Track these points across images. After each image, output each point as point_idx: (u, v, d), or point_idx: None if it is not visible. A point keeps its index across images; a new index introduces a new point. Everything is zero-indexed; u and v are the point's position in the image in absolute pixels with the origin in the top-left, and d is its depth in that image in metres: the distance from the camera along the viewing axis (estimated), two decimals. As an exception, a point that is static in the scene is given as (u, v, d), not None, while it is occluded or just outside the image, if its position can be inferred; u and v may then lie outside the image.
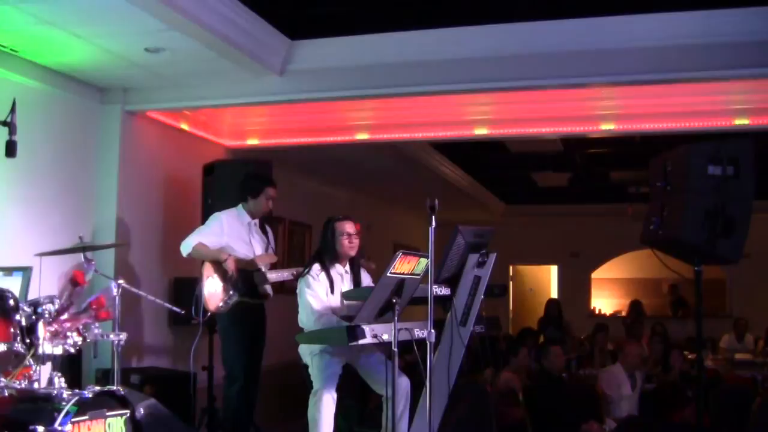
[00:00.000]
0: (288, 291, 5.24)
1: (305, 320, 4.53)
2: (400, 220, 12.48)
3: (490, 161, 9.99)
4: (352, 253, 4.64)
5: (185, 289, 5.87)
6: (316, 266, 4.57)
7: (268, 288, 5.32)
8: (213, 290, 5.13)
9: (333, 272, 4.60)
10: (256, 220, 5.41)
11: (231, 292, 5.11)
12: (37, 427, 3.10)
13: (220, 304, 5.11)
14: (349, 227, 4.62)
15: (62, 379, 3.76)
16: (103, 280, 4.62)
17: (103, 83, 5.87)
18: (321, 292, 4.51)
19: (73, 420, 3.18)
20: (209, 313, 5.18)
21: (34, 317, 3.70)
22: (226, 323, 5.30)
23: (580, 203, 12.90)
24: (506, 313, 14.19)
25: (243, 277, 5.17)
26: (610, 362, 7.64)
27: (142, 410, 3.70)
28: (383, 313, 4.04)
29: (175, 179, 6.57)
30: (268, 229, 5.57)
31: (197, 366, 5.63)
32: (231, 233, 5.25)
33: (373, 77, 5.63)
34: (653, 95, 6.08)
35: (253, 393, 5.38)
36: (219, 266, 5.14)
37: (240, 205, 5.38)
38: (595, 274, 14.67)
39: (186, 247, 5.16)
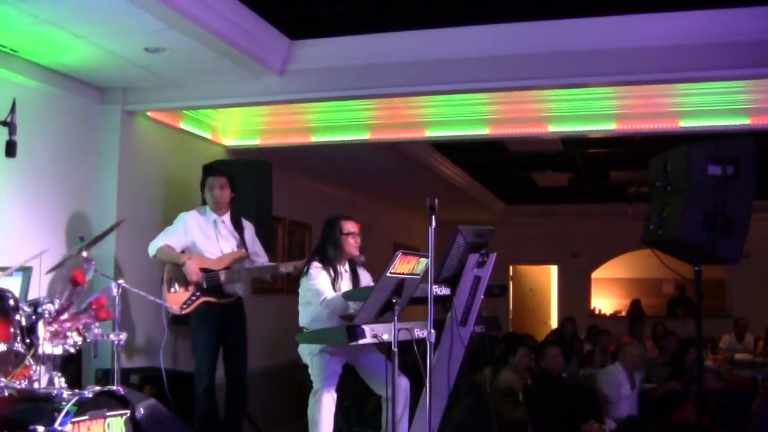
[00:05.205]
0: (288, 291, 5.23)
1: (308, 311, 4.54)
2: (400, 220, 12.48)
3: (490, 161, 9.99)
4: (356, 252, 4.69)
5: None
6: (316, 263, 4.59)
7: (238, 288, 5.34)
8: (175, 291, 5.18)
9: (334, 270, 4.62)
10: (224, 218, 5.44)
11: (193, 293, 5.15)
12: (37, 427, 3.10)
13: (183, 305, 5.13)
14: (352, 227, 4.69)
15: (62, 379, 3.76)
16: (103, 280, 4.61)
17: (103, 83, 5.86)
18: (326, 281, 4.54)
19: (73, 420, 3.19)
20: (170, 315, 5.16)
21: (34, 317, 3.70)
22: (194, 324, 5.33)
23: (580, 203, 12.90)
24: (506, 313, 14.19)
25: (207, 278, 5.21)
26: (610, 362, 7.63)
27: (142, 410, 3.70)
28: (383, 313, 4.04)
29: (175, 179, 6.56)
30: (246, 225, 5.55)
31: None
32: (195, 231, 5.32)
33: (373, 77, 5.62)
34: (653, 95, 6.08)
35: (237, 394, 5.39)
36: (180, 268, 5.19)
37: (206, 205, 5.49)
38: (595, 274, 14.67)
39: (152, 249, 5.27)
